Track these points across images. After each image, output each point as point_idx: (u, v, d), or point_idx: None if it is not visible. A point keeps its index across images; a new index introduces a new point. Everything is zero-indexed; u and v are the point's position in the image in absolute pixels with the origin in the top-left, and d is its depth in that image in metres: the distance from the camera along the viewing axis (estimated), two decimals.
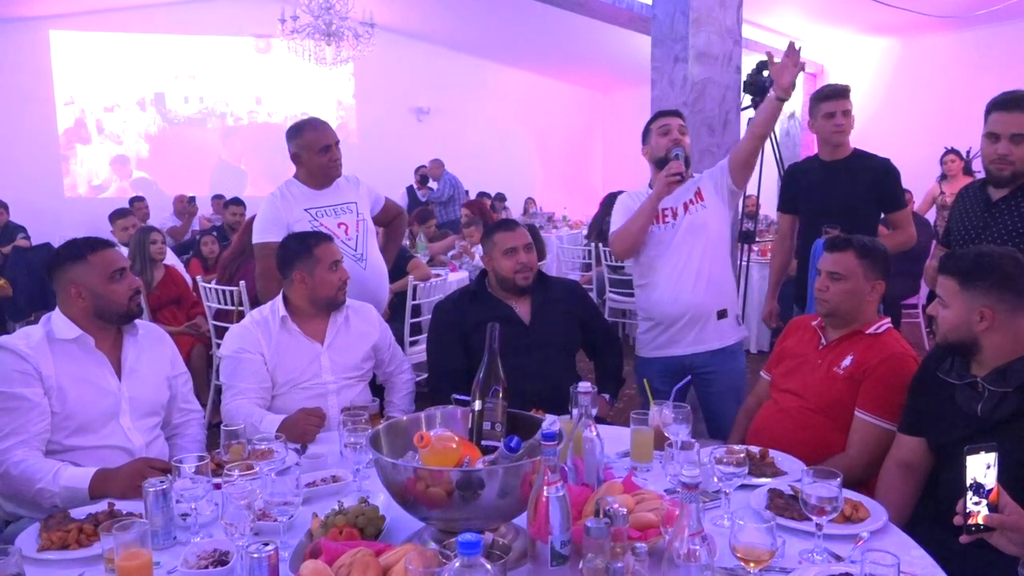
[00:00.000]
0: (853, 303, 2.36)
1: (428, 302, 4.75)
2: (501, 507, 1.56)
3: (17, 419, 2.04)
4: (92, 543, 1.66)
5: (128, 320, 2.28)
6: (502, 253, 2.85)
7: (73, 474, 2.00)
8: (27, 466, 1.99)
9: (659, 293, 3.03)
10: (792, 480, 1.92)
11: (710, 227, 2.99)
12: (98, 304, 2.20)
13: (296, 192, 3.25)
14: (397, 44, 11.30)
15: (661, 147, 3.01)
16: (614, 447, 2.16)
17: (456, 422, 1.86)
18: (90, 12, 10.43)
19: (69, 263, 2.21)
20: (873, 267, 2.37)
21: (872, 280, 2.37)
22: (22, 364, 2.08)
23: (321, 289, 2.65)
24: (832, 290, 2.36)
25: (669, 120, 3.05)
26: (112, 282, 2.21)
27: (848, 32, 9.58)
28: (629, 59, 10.52)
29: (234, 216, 7.09)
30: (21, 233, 7.66)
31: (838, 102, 3.42)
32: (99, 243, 2.28)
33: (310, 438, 2.34)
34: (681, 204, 3.01)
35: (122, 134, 11.18)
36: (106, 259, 2.23)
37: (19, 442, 2.02)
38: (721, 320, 3.02)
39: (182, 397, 2.45)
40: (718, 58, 4.15)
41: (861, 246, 2.39)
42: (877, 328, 2.36)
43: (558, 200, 12.50)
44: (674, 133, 3.01)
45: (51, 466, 2.01)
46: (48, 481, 1.98)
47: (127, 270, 2.27)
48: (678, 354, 3.02)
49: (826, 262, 2.42)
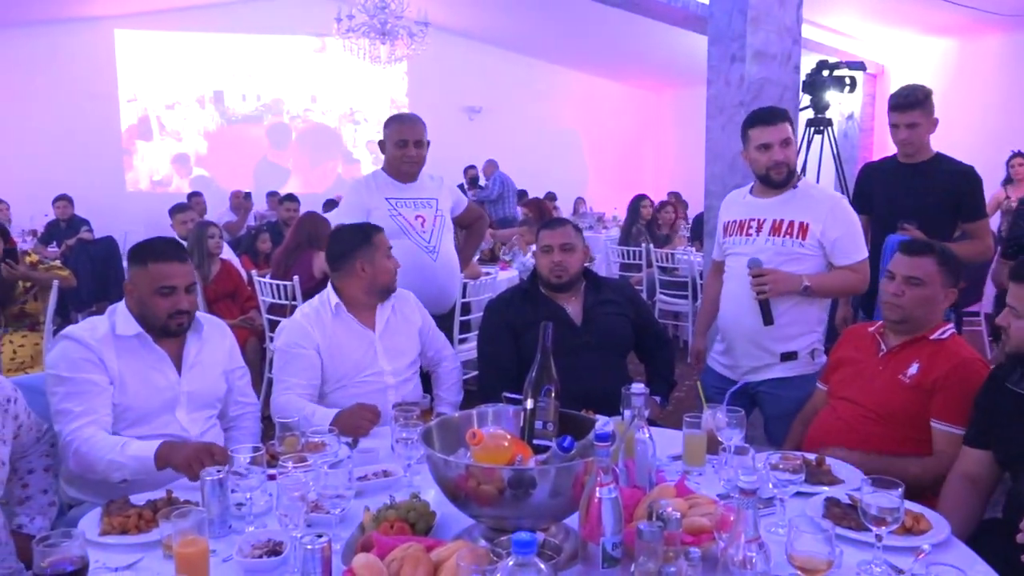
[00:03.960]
0: (926, 310, 2.26)
1: (478, 300, 4.76)
2: (552, 507, 1.55)
3: (87, 401, 2.09)
4: (151, 529, 1.70)
5: (165, 335, 2.25)
6: (541, 250, 2.86)
7: (140, 445, 2.04)
8: (96, 441, 2.04)
9: (724, 306, 2.93)
10: (850, 489, 1.87)
11: (800, 264, 2.72)
12: (142, 311, 2.22)
13: (382, 181, 3.41)
14: (450, 43, 11.36)
15: (761, 164, 2.76)
16: (665, 450, 2.13)
17: (508, 420, 1.85)
18: (153, 12, 10.71)
19: (134, 263, 2.25)
20: (950, 275, 2.28)
21: (947, 288, 2.27)
22: (88, 353, 2.13)
23: (380, 276, 2.68)
24: (908, 296, 2.25)
25: (769, 134, 2.72)
26: (157, 296, 2.19)
27: (908, 32, 9.35)
28: (683, 59, 10.41)
29: (288, 212, 7.19)
30: (85, 226, 7.90)
31: (903, 114, 3.24)
32: (165, 253, 2.24)
33: (363, 432, 2.36)
34: (772, 221, 2.76)
35: (182, 131, 11.47)
36: (162, 272, 2.19)
37: (89, 421, 2.07)
38: (787, 362, 2.78)
39: (239, 390, 2.48)
40: (776, 57, 4.07)
41: (942, 251, 2.29)
42: (942, 333, 2.27)
43: (609, 200, 12.42)
44: (775, 152, 2.71)
45: (118, 440, 2.06)
46: (117, 452, 2.02)
47: (178, 289, 2.21)
48: (732, 377, 2.83)
49: (904, 266, 2.28)
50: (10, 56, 9.91)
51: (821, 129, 5.32)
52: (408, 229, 3.31)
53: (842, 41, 9.33)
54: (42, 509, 2.09)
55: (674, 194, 10.52)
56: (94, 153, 10.64)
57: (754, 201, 2.88)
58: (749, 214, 2.85)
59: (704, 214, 4.49)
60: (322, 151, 12.23)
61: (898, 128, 3.26)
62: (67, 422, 2.07)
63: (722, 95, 4.14)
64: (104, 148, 10.87)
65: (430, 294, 3.04)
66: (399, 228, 3.27)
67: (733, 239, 2.89)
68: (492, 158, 10.30)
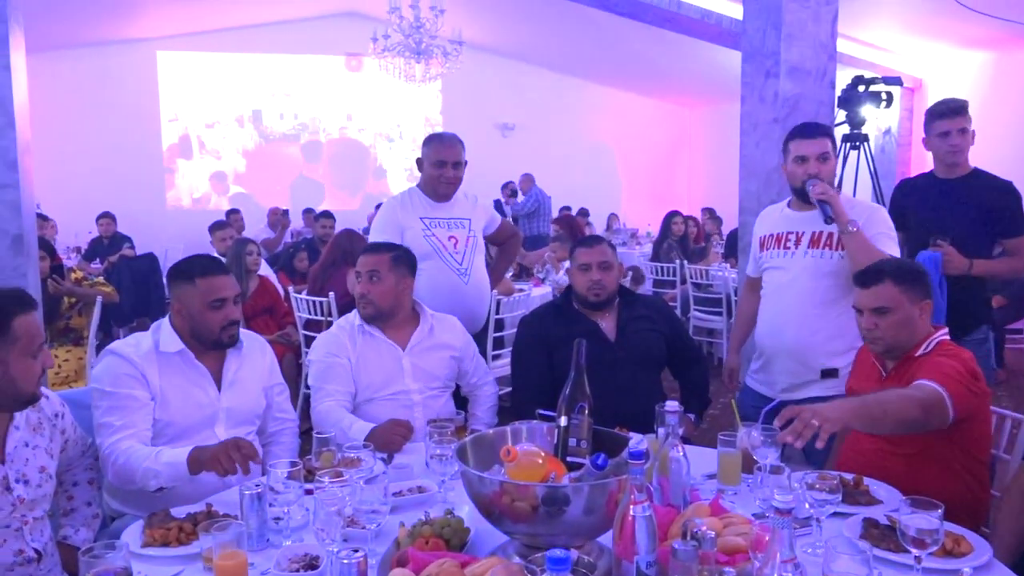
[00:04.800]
0: (908, 332, 2.20)
1: (511, 317, 4.78)
2: (586, 524, 1.55)
3: (127, 416, 2.14)
4: (191, 541, 1.73)
5: (218, 348, 2.30)
6: (578, 268, 2.85)
7: (173, 452, 2.09)
8: (132, 452, 2.09)
9: (762, 321, 2.90)
10: (888, 509, 1.84)
11: (840, 277, 2.68)
12: (193, 326, 2.27)
13: (416, 200, 3.41)
14: (484, 61, 11.46)
15: (796, 177, 2.74)
16: (699, 468, 2.12)
17: (542, 437, 1.86)
18: (195, 33, 10.97)
19: (180, 281, 2.29)
20: (914, 289, 2.20)
21: (918, 303, 2.20)
22: (131, 369, 2.19)
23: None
24: (882, 326, 2.19)
25: (807, 147, 2.72)
26: (210, 309, 2.24)
27: (945, 45, 9.23)
28: (715, 74, 10.39)
29: (324, 228, 7.29)
30: (127, 243, 8.08)
31: (954, 120, 3.16)
32: (211, 268, 2.31)
33: (396, 448, 2.38)
34: (810, 233, 2.75)
35: (221, 149, 11.71)
36: (211, 286, 2.26)
37: (128, 435, 2.13)
38: (827, 380, 2.71)
39: (277, 406, 2.52)
40: (811, 73, 4.05)
41: (894, 271, 2.22)
42: (927, 347, 2.20)
43: (642, 216, 12.41)
44: (811, 165, 2.71)
45: (152, 449, 2.11)
46: (152, 460, 2.07)
47: (228, 301, 2.27)
48: (769, 394, 2.77)
49: (865, 298, 2.23)
50: (58, 77, 10.19)
51: (857, 144, 5.29)
52: (441, 250, 3.33)
53: (878, 55, 9.25)
54: (86, 521, 2.14)
55: (708, 210, 10.49)
56: (136, 171, 10.90)
57: (791, 215, 2.87)
58: (787, 227, 2.84)
59: (739, 230, 4.47)
60: (357, 169, 12.39)
61: (949, 135, 3.16)
62: (107, 435, 2.13)
63: (756, 111, 4.12)
64: (146, 166, 11.13)
65: (460, 316, 3.04)
66: (432, 249, 3.28)
67: (771, 252, 2.87)
68: (528, 172, 10.33)
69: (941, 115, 3.19)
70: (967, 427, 2.11)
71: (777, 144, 3.86)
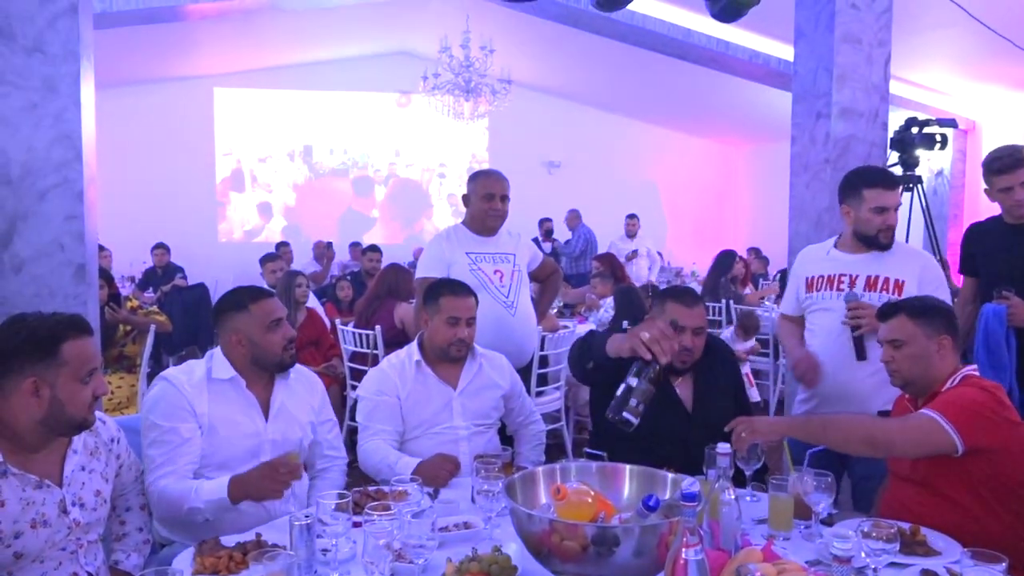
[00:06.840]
0: (922, 367, 2.21)
1: (556, 353, 4.77)
2: (636, 566, 1.53)
3: (168, 451, 2.19)
4: (240, 570, 1.75)
5: (282, 369, 2.37)
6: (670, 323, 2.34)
7: (211, 488, 2.13)
8: (170, 491, 2.14)
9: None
10: (948, 561, 1.79)
11: None
12: (255, 352, 2.32)
13: (462, 236, 3.49)
14: (530, 99, 11.58)
15: (873, 226, 2.70)
16: (749, 513, 2.08)
17: (591, 476, 1.85)
18: (250, 71, 11.29)
19: (233, 311, 2.35)
20: (931, 324, 2.21)
21: (937, 338, 2.20)
22: (182, 400, 2.23)
23: (435, 338, 2.70)
24: (897, 359, 2.23)
25: (888, 198, 2.68)
26: (269, 331, 2.31)
27: (998, 88, 9.09)
28: (764, 114, 10.37)
29: (371, 262, 7.38)
30: (179, 273, 8.28)
31: (1014, 174, 3.05)
32: (260, 293, 2.40)
33: (443, 483, 2.38)
34: (865, 277, 2.72)
35: (272, 183, 11.97)
36: (266, 309, 2.33)
37: (168, 472, 2.17)
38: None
39: (328, 444, 2.54)
40: (864, 115, 4.02)
41: (911, 307, 2.26)
42: (952, 383, 2.18)
43: (687, 255, 12.32)
44: (890, 216, 2.67)
45: (189, 487, 2.14)
46: (192, 499, 2.11)
47: (283, 320, 2.36)
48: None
49: (882, 332, 2.29)
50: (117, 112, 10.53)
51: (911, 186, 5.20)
52: (487, 283, 3.36)
53: (931, 96, 9.14)
54: (137, 546, 2.17)
55: (754, 249, 10.39)
56: (190, 203, 11.19)
57: (842, 257, 2.83)
58: (839, 269, 2.81)
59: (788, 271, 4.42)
60: (404, 203, 12.55)
61: (1012, 190, 3.05)
62: (150, 471, 2.19)
63: (807, 152, 4.09)
64: (200, 199, 11.42)
65: (508, 349, 3.05)
66: (478, 282, 3.31)
67: (821, 294, 2.83)
68: (575, 208, 10.30)
69: (999, 171, 3.09)
70: (1008, 461, 2.05)
71: (828, 185, 3.83)
